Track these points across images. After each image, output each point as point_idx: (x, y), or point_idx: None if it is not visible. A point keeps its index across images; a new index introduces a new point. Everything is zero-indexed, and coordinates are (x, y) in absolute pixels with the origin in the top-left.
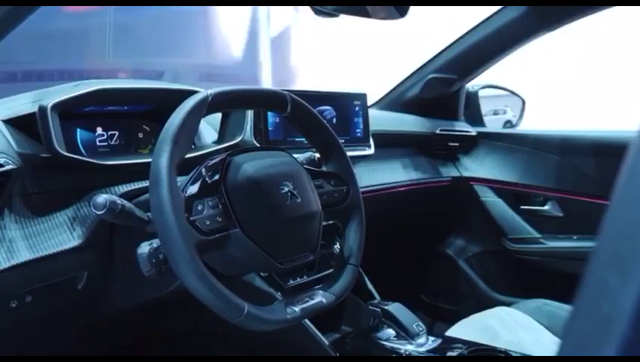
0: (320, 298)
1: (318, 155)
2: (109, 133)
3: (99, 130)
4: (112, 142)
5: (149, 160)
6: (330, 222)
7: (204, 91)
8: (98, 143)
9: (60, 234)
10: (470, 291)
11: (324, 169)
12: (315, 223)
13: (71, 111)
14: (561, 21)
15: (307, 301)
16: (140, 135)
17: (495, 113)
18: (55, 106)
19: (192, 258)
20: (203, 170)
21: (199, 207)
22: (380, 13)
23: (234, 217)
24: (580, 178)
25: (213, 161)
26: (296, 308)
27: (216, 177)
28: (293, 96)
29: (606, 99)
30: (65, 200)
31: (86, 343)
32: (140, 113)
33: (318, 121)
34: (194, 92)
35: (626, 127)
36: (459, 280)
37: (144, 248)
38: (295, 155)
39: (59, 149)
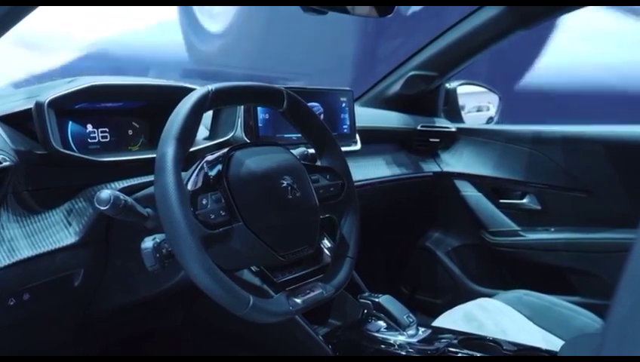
0: (320, 290)
1: (311, 151)
2: (100, 130)
3: (89, 127)
4: (103, 139)
5: (144, 156)
6: (326, 215)
7: (205, 87)
8: (89, 140)
9: (57, 232)
10: (451, 283)
11: (318, 164)
12: (313, 217)
13: (63, 108)
14: (538, 20)
15: (308, 293)
16: (130, 132)
17: (479, 110)
18: (52, 103)
19: (200, 252)
20: (204, 164)
21: (204, 201)
22: (360, 11)
23: (237, 211)
24: (556, 171)
25: (214, 156)
26: (298, 300)
27: (219, 172)
28: (289, 91)
29: None
30: (60, 198)
31: (81, 341)
32: (129, 110)
33: (314, 117)
34: (187, 88)
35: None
36: (440, 273)
37: (148, 243)
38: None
39: (56, 146)
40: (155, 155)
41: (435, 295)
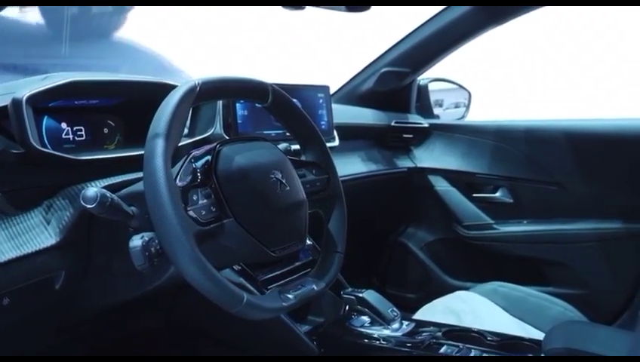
0: (311, 285)
1: (294, 147)
2: (75, 128)
3: (63, 125)
4: (78, 138)
5: (123, 154)
6: (312, 210)
7: (191, 80)
8: (63, 139)
9: (37, 235)
10: (426, 278)
11: (303, 158)
12: (302, 211)
13: (38, 106)
14: (508, 17)
15: (299, 288)
16: (106, 130)
17: (457, 106)
18: (29, 99)
19: (193, 249)
20: (192, 160)
21: (194, 198)
22: (334, 7)
23: (227, 207)
24: (527, 165)
25: (201, 152)
26: (290, 296)
27: (208, 167)
28: (274, 86)
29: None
30: (37, 198)
31: (63, 345)
32: (104, 108)
33: (299, 112)
34: (167, 85)
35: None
36: (415, 268)
37: (136, 241)
38: None
39: (35, 144)
40: (133, 153)
41: (410, 289)
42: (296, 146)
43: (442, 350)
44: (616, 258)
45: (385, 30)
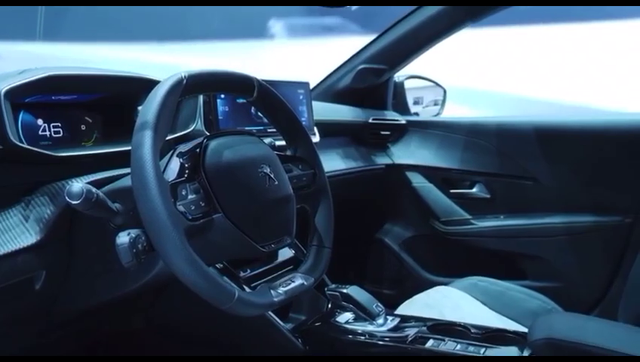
0: (300, 280)
1: (278, 143)
2: (51, 124)
3: (40, 122)
4: (55, 135)
5: (104, 151)
6: (299, 206)
7: (178, 73)
8: (40, 136)
9: (17, 234)
10: (405, 274)
11: (288, 153)
12: (290, 206)
13: (14, 101)
14: (482, 14)
15: (289, 283)
16: (83, 127)
17: (436, 103)
18: (7, 93)
19: (183, 244)
20: (179, 154)
21: (183, 192)
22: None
23: (216, 202)
24: (503, 161)
25: (188, 146)
26: (280, 291)
27: (195, 162)
28: (259, 80)
29: None
30: (16, 196)
31: (50, 346)
32: (82, 103)
33: (284, 106)
34: (149, 80)
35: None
36: (394, 264)
37: (124, 238)
38: None
39: (14, 141)
40: (113, 150)
41: (388, 286)
42: (281, 142)
43: (428, 344)
44: (590, 250)
45: None
